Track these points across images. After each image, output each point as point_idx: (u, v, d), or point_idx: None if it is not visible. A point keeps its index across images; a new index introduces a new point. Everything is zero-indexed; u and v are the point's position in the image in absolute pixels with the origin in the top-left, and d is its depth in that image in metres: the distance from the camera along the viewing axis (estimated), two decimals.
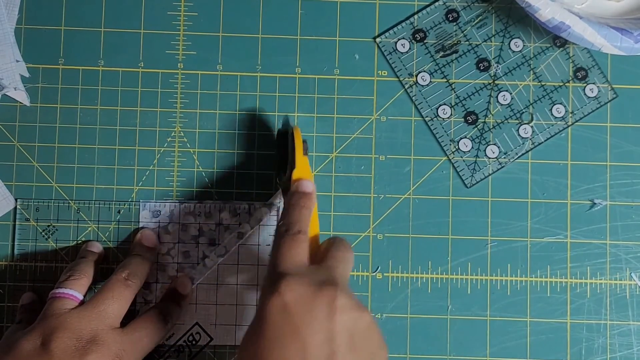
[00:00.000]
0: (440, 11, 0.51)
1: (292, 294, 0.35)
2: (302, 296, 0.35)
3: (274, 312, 0.35)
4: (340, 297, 0.35)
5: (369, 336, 0.35)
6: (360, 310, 0.36)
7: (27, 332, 0.41)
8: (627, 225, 0.50)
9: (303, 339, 0.34)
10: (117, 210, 0.49)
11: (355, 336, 0.35)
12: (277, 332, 0.34)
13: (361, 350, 0.35)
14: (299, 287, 0.35)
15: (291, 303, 0.35)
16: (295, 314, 0.34)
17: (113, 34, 0.50)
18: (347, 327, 0.35)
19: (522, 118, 0.51)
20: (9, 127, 0.50)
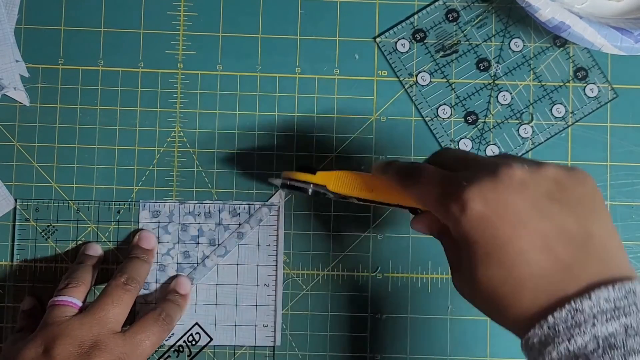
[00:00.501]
0: (440, 11, 0.51)
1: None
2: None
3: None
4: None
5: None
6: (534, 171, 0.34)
7: (29, 341, 0.41)
8: (627, 225, 0.50)
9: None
10: (116, 211, 0.49)
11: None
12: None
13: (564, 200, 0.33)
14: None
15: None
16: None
17: (113, 34, 0.50)
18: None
19: (522, 118, 0.51)
20: (8, 127, 0.50)
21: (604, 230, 0.33)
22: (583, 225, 0.32)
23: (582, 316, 0.30)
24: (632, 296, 0.30)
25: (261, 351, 0.49)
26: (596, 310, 0.30)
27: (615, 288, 0.30)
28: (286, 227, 0.49)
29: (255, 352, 0.49)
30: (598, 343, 0.30)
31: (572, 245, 0.32)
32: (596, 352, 0.29)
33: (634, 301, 0.30)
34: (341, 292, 0.49)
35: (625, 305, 0.30)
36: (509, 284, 0.32)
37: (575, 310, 0.30)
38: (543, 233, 0.32)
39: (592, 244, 0.32)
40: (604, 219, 0.33)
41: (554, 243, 0.32)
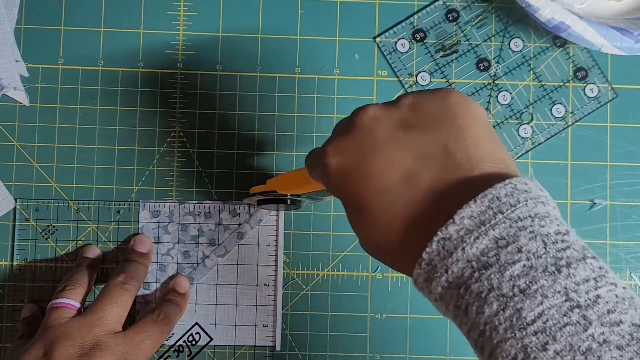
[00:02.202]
0: (440, 11, 0.51)
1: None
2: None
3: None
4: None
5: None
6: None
7: (29, 345, 0.41)
8: (627, 225, 0.50)
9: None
10: (116, 211, 0.49)
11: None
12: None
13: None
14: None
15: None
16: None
17: (112, 33, 0.50)
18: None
19: (522, 118, 0.51)
20: (8, 127, 0.50)
21: (467, 141, 0.30)
22: (443, 145, 0.30)
23: (451, 243, 0.27)
24: (496, 203, 0.27)
25: (261, 351, 0.49)
26: (463, 232, 0.27)
27: (477, 202, 0.27)
28: (286, 227, 0.49)
29: (255, 352, 0.49)
30: (472, 266, 0.27)
31: (433, 169, 0.29)
32: (473, 276, 0.27)
33: (498, 208, 0.27)
34: (341, 292, 0.49)
35: (490, 216, 0.27)
36: (380, 230, 0.30)
37: (444, 239, 0.27)
38: (401, 164, 0.30)
39: (453, 162, 0.29)
40: (467, 131, 0.30)
41: (414, 172, 0.29)
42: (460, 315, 0.27)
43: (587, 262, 0.26)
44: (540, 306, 0.25)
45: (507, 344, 0.25)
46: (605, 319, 0.24)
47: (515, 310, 0.25)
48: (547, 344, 0.24)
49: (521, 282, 0.26)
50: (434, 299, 0.29)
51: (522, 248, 0.26)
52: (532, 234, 0.27)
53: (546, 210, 0.28)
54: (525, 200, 0.27)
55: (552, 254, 0.26)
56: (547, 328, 0.25)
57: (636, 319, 0.25)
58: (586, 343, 0.24)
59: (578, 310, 0.25)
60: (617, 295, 0.25)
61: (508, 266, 0.26)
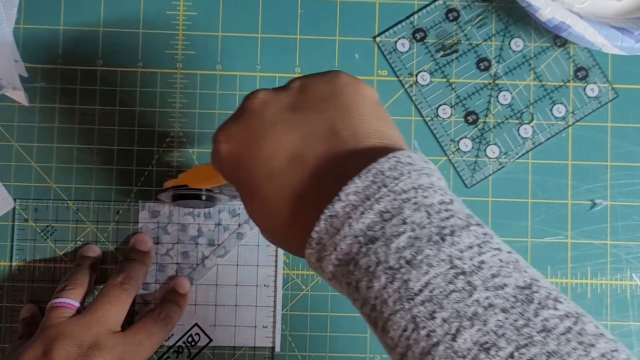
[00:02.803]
0: (440, 10, 0.51)
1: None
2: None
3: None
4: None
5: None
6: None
7: (28, 344, 0.41)
8: (627, 225, 0.50)
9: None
10: (116, 211, 0.49)
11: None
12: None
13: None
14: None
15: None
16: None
17: (112, 33, 0.50)
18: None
19: (522, 118, 0.50)
20: (7, 127, 0.49)
21: (354, 120, 0.30)
22: (329, 125, 0.30)
23: (338, 220, 0.27)
24: (380, 177, 0.27)
25: (261, 352, 0.49)
26: (349, 208, 0.27)
27: (361, 177, 0.27)
28: None
29: (255, 353, 0.49)
30: (359, 241, 0.27)
31: (319, 148, 0.29)
32: (360, 251, 0.27)
33: (382, 182, 0.27)
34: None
35: (375, 190, 0.27)
36: (271, 213, 0.30)
37: (331, 216, 0.28)
38: (289, 146, 0.30)
39: (339, 140, 0.29)
40: (354, 110, 0.30)
41: (302, 152, 0.29)
42: (352, 291, 0.27)
43: (471, 230, 0.26)
44: (426, 276, 0.25)
45: (397, 316, 0.25)
46: (489, 283, 0.25)
47: (402, 281, 0.25)
48: (435, 312, 0.25)
49: (407, 253, 0.26)
50: (328, 278, 0.29)
51: (407, 220, 0.26)
52: (416, 205, 0.27)
53: (430, 181, 0.28)
54: (409, 172, 0.27)
55: (436, 224, 0.26)
56: (433, 297, 0.25)
57: (520, 282, 0.25)
58: (472, 308, 0.24)
59: (463, 276, 0.25)
60: (502, 260, 0.25)
61: (393, 238, 0.26)
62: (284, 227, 0.30)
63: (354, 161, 0.28)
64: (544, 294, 0.25)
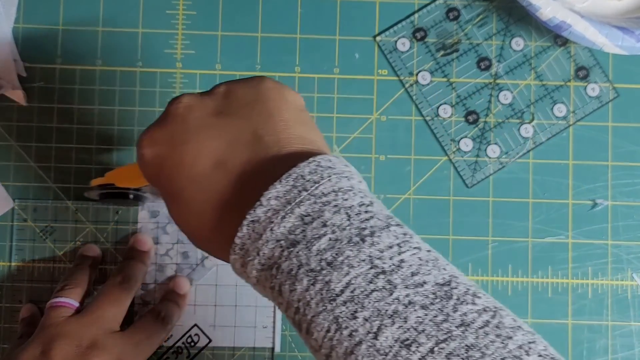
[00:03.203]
0: (440, 10, 0.51)
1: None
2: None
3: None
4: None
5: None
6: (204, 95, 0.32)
7: (27, 344, 0.41)
8: (628, 225, 0.50)
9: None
10: (115, 211, 0.49)
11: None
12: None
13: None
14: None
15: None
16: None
17: (111, 33, 0.50)
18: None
19: (523, 117, 0.50)
20: (6, 127, 0.49)
21: (277, 125, 0.30)
22: (252, 131, 0.30)
23: (260, 225, 0.28)
24: (300, 181, 0.28)
25: (260, 352, 0.48)
26: (270, 213, 0.28)
27: (282, 182, 0.28)
28: None
29: (254, 354, 0.48)
30: (281, 245, 0.27)
31: (243, 154, 0.30)
32: (282, 255, 0.27)
33: (303, 186, 0.28)
34: None
35: (296, 194, 0.28)
36: (195, 217, 0.30)
37: (253, 221, 0.28)
38: (212, 151, 0.30)
39: (262, 145, 0.30)
40: (277, 115, 0.31)
41: (225, 158, 0.30)
42: (276, 295, 0.28)
43: (390, 230, 0.27)
44: (347, 276, 0.26)
45: (320, 318, 0.26)
46: (409, 281, 0.25)
47: (324, 283, 0.26)
48: (357, 312, 0.25)
49: (328, 255, 0.26)
50: (252, 283, 0.29)
51: (327, 222, 0.27)
52: (336, 207, 0.27)
53: (350, 184, 0.28)
54: (329, 176, 0.28)
55: (356, 225, 0.27)
56: (355, 297, 0.25)
57: (439, 279, 0.25)
58: (392, 306, 0.25)
59: (383, 275, 0.25)
60: (421, 258, 0.26)
61: (314, 241, 0.27)
62: (209, 232, 0.30)
63: (276, 166, 0.29)
64: (462, 290, 0.25)
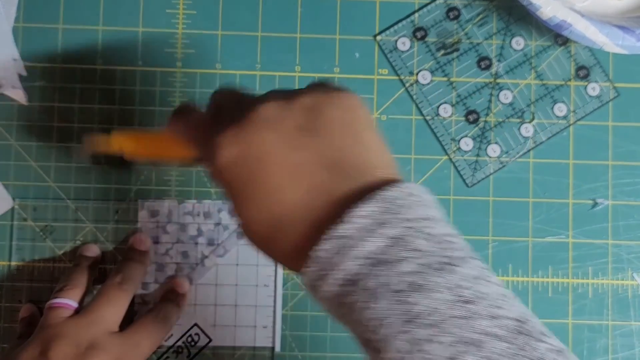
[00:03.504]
0: (441, 9, 0.51)
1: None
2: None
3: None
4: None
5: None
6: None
7: (26, 344, 0.41)
8: (629, 225, 0.50)
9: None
10: (115, 210, 0.49)
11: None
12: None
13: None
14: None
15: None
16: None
17: (111, 32, 0.50)
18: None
19: (523, 117, 0.50)
20: (6, 126, 0.49)
21: (358, 147, 0.31)
22: (336, 149, 0.31)
23: (347, 241, 0.28)
24: (390, 205, 0.29)
25: (261, 352, 0.48)
26: (359, 231, 0.28)
27: (371, 202, 0.29)
28: None
29: (254, 353, 0.48)
30: (366, 263, 0.28)
31: (325, 171, 0.30)
32: (366, 273, 0.28)
33: (393, 210, 0.29)
34: None
35: (386, 216, 0.28)
36: (270, 224, 0.31)
37: (340, 237, 0.28)
38: (294, 165, 0.30)
39: (345, 165, 0.31)
40: (359, 136, 0.32)
41: (306, 172, 0.30)
42: (347, 311, 0.28)
43: (471, 262, 0.28)
44: (430, 301, 0.26)
45: (397, 338, 0.26)
46: (489, 313, 0.26)
47: (407, 304, 0.27)
48: (435, 337, 0.26)
49: (412, 278, 0.27)
50: (325, 297, 0.29)
51: (414, 247, 0.28)
52: (422, 234, 0.28)
53: (434, 213, 0.30)
54: (417, 203, 0.29)
55: (441, 254, 0.28)
56: (436, 321, 0.26)
57: (516, 314, 0.27)
58: (473, 335, 0.25)
59: (465, 304, 0.26)
60: (498, 292, 0.27)
61: (400, 263, 0.27)
62: (282, 242, 0.31)
63: (364, 187, 0.30)
64: (537, 328, 0.26)
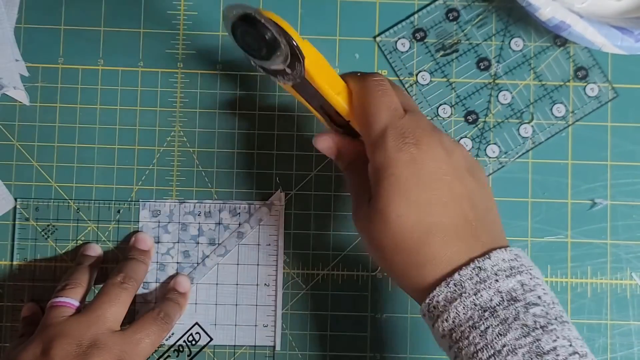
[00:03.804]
0: (440, 10, 0.51)
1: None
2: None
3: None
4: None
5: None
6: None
7: (28, 343, 0.41)
8: (628, 224, 0.50)
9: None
10: (116, 210, 0.49)
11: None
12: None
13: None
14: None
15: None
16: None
17: (112, 33, 0.50)
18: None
19: (522, 117, 0.50)
20: (8, 126, 0.50)
21: (496, 210, 0.39)
22: (486, 200, 0.38)
23: (485, 274, 0.34)
24: (520, 259, 0.36)
25: (261, 351, 0.49)
26: (497, 268, 0.35)
27: (507, 251, 0.36)
28: (286, 226, 0.49)
29: (255, 352, 0.49)
30: (502, 297, 0.34)
31: (477, 212, 0.37)
32: (501, 304, 0.34)
33: (521, 263, 0.35)
34: (341, 292, 0.49)
35: (517, 265, 0.35)
36: (420, 228, 0.35)
37: (479, 268, 0.35)
38: (458, 193, 0.36)
39: (490, 216, 0.38)
40: (494, 203, 0.39)
41: (465, 204, 0.36)
42: (476, 335, 0.33)
43: (570, 324, 0.35)
44: (554, 342, 0.33)
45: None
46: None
47: (534, 339, 0.33)
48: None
49: (540, 320, 0.33)
50: (450, 318, 0.34)
51: (540, 297, 0.34)
52: (544, 290, 0.35)
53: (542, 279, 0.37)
54: (532, 265, 0.37)
55: (557, 309, 0.35)
56: (557, 358, 0.32)
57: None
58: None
59: (577, 356, 0.33)
60: (588, 352, 0.34)
61: (531, 306, 0.34)
62: (418, 245, 0.35)
63: (496, 238, 0.37)
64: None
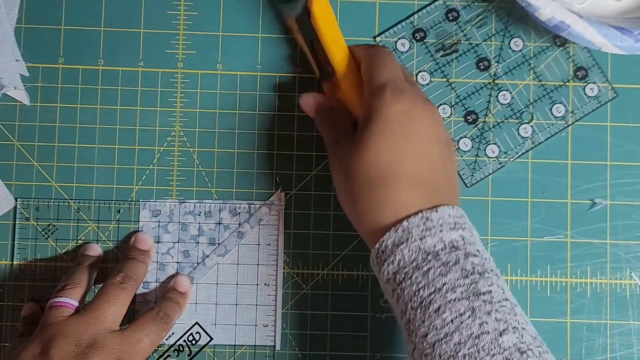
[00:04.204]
0: (440, 10, 0.51)
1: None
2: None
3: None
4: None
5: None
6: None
7: (27, 343, 0.41)
8: (627, 224, 0.50)
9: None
10: (117, 210, 0.49)
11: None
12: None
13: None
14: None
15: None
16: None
17: (113, 33, 0.50)
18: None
19: (522, 117, 0.51)
20: (8, 126, 0.50)
21: (458, 189, 0.44)
22: (453, 174, 0.44)
23: (431, 223, 0.38)
24: (464, 218, 0.40)
25: (261, 351, 0.49)
26: (442, 221, 0.39)
27: (454, 208, 0.40)
28: (286, 226, 0.49)
29: (255, 352, 0.49)
30: (445, 244, 0.38)
31: (444, 178, 0.42)
32: (444, 250, 0.38)
33: (465, 221, 0.40)
34: (341, 292, 0.49)
35: (462, 222, 0.39)
36: (392, 167, 0.40)
37: (427, 218, 0.39)
38: (434, 155, 0.41)
39: (453, 188, 0.43)
40: (458, 183, 0.45)
41: (436, 167, 0.41)
42: (419, 275, 0.38)
43: (503, 280, 0.40)
44: (489, 287, 0.37)
45: (459, 303, 0.36)
46: (517, 310, 0.38)
47: (472, 281, 0.37)
48: (491, 312, 0.36)
49: (478, 267, 0.38)
50: (395, 260, 0.39)
51: (479, 251, 0.39)
52: (482, 248, 0.40)
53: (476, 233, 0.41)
54: (469, 225, 0.41)
55: (493, 265, 0.39)
56: (492, 301, 0.36)
57: (532, 332, 0.37)
58: (515, 321, 0.37)
59: (508, 301, 0.37)
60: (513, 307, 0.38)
61: (470, 256, 0.38)
62: (389, 181, 0.40)
63: (450, 198, 0.42)
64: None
